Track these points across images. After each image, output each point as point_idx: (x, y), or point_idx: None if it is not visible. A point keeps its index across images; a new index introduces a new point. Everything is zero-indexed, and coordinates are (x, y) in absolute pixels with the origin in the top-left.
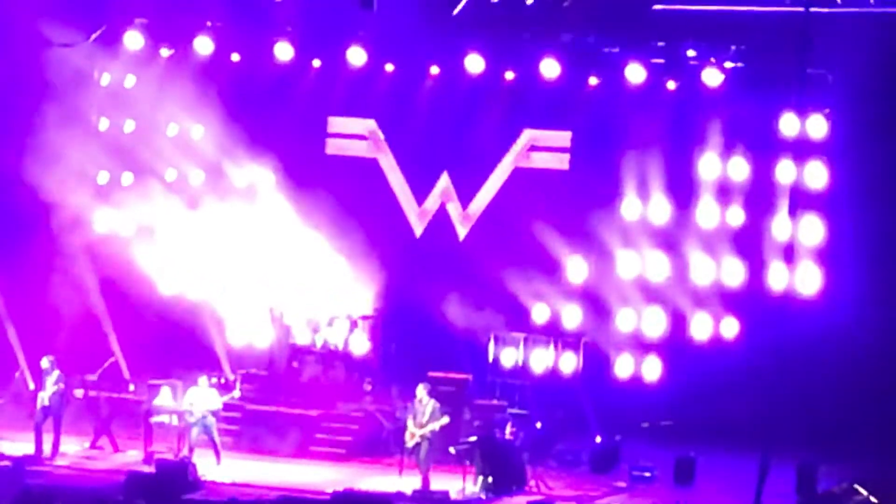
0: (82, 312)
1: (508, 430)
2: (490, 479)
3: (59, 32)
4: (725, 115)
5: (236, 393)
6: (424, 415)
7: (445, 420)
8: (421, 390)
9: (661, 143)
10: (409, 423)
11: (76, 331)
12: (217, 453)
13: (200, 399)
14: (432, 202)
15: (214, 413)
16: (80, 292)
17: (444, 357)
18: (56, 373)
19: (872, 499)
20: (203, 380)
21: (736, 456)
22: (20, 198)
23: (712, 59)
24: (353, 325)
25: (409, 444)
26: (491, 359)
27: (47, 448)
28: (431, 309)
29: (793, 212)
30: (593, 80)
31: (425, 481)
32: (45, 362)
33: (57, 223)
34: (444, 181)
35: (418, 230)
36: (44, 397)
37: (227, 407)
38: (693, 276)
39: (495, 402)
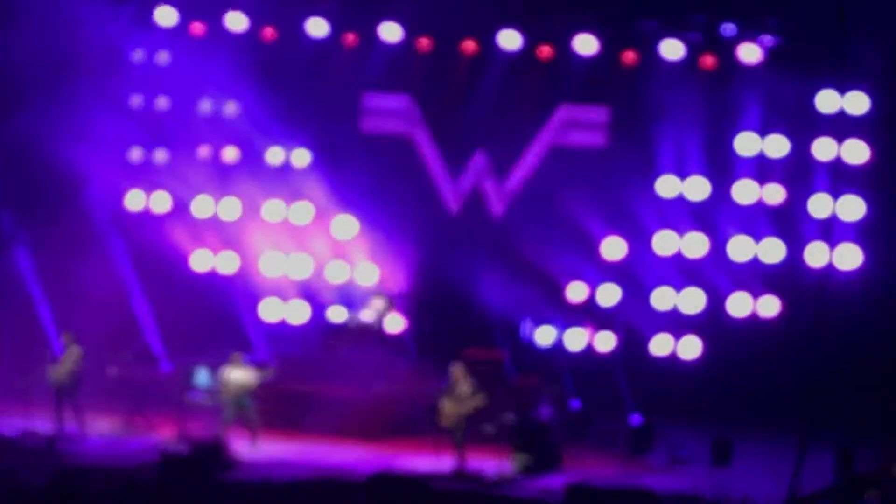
0: (115, 291)
1: (544, 409)
2: (526, 459)
3: (92, 8)
4: (763, 91)
5: (268, 373)
6: (460, 394)
7: (482, 399)
8: (457, 369)
9: (698, 119)
10: (445, 402)
11: (109, 309)
12: (252, 433)
13: (235, 377)
14: (468, 179)
15: (249, 392)
16: (113, 270)
17: (480, 335)
18: (74, 349)
19: None
20: (237, 357)
21: (774, 436)
22: (53, 175)
23: (750, 35)
24: (388, 303)
25: (445, 423)
26: (526, 337)
27: (69, 427)
28: (466, 287)
29: (832, 189)
30: (630, 56)
31: (462, 461)
32: (64, 338)
33: (90, 200)
34: (479, 158)
35: (454, 207)
36: (60, 374)
37: (260, 386)
38: (731, 253)
39: (531, 381)
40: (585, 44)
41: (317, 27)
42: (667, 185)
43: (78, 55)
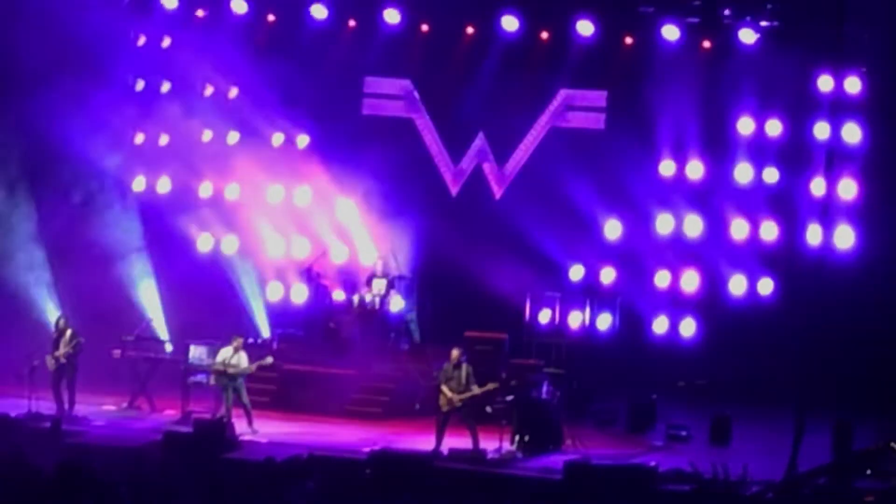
0: (119, 272)
1: (544, 389)
2: (526, 438)
3: None
4: (761, 74)
5: (268, 360)
6: (460, 379)
7: (493, 385)
8: (455, 354)
9: (696, 102)
10: (444, 388)
11: (113, 291)
12: (248, 416)
13: (231, 360)
14: (468, 162)
15: (244, 375)
16: (118, 252)
17: (481, 316)
18: (69, 331)
19: None
20: (237, 341)
21: (772, 415)
22: (57, 160)
23: (748, 18)
24: (390, 284)
25: (445, 408)
26: (527, 318)
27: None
28: (467, 268)
29: (829, 170)
30: (629, 40)
31: (475, 441)
32: (59, 321)
33: (95, 184)
34: (479, 141)
35: (454, 190)
36: (58, 357)
37: (259, 370)
38: (730, 234)
39: (531, 361)
40: (584, 28)
41: (318, 12)
42: (666, 167)
43: (82, 41)
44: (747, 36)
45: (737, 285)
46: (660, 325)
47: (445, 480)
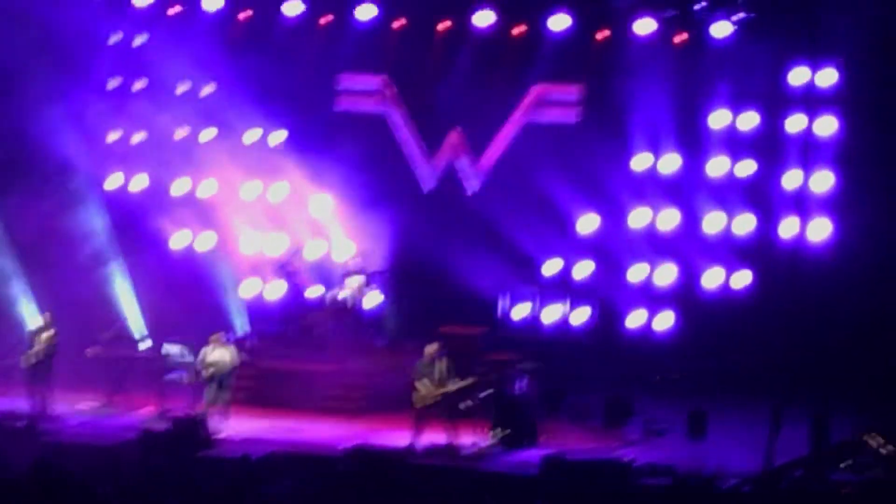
0: (95, 271)
1: (520, 384)
2: (502, 433)
3: None
4: (736, 66)
5: (243, 355)
6: (439, 374)
7: (470, 381)
8: (432, 349)
9: (670, 95)
10: (419, 384)
11: (89, 289)
12: (224, 411)
13: (215, 356)
14: (443, 157)
15: (229, 370)
16: (93, 251)
17: (456, 312)
18: (51, 330)
19: (883, 451)
20: (217, 337)
21: (749, 408)
22: (31, 158)
23: (722, 11)
24: (365, 280)
25: (420, 404)
26: (502, 313)
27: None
28: (442, 264)
29: (804, 163)
30: (603, 34)
31: (453, 436)
32: (43, 318)
33: (69, 183)
34: (454, 136)
35: (429, 185)
36: (33, 354)
37: (240, 364)
38: (704, 228)
39: (507, 356)
40: (559, 22)
41: (292, 8)
42: (640, 161)
43: (56, 39)
44: (722, 29)
45: (712, 278)
46: (635, 319)
47: (422, 476)
